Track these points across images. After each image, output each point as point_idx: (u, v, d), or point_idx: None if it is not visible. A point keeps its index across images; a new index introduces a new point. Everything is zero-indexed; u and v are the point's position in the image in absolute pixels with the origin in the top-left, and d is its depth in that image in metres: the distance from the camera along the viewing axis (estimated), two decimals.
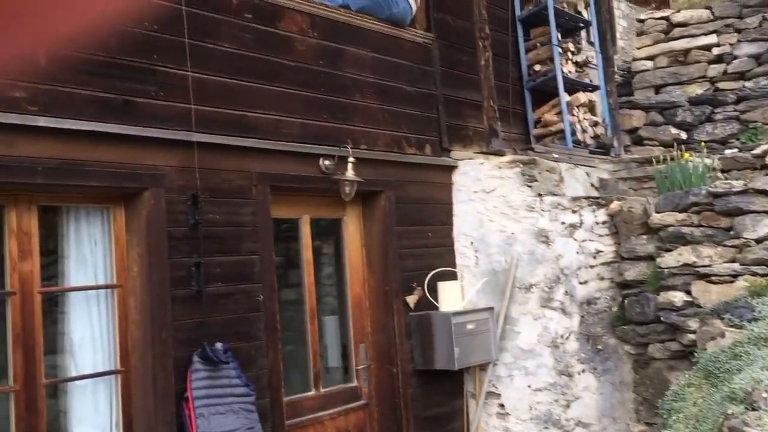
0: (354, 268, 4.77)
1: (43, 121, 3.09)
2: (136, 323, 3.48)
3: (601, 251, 5.30)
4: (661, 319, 4.90)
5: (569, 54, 6.34)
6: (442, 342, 4.68)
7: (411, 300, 4.81)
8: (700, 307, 4.65)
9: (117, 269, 3.49)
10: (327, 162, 4.37)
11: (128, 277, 3.49)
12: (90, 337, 3.44)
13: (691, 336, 4.61)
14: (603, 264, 5.29)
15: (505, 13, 6.06)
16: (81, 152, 3.23)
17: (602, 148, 6.46)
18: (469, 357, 4.74)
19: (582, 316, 5.09)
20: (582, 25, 6.70)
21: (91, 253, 3.45)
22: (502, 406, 4.97)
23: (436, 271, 4.92)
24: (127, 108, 3.43)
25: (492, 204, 5.11)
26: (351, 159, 4.37)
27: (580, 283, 5.11)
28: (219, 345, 3.57)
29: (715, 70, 7.82)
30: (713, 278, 4.69)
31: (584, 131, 6.24)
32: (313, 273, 4.53)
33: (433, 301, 4.85)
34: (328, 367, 4.71)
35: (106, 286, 3.48)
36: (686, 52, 8.01)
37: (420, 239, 5.00)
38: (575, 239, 5.15)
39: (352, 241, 4.79)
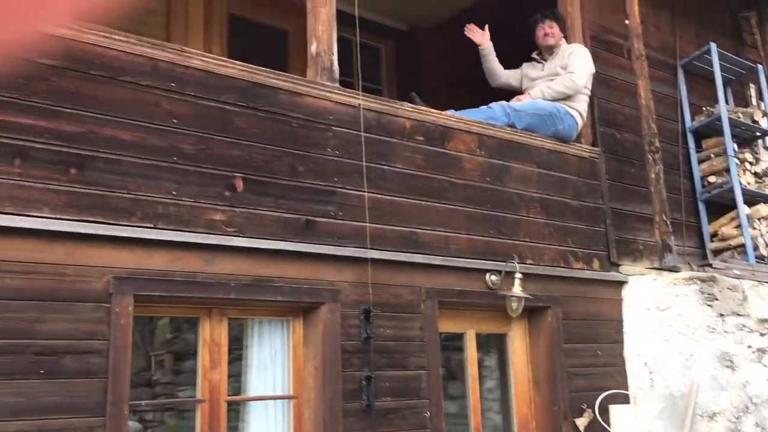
0: (519, 385, 4.65)
1: (237, 241, 3.38)
2: None
3: None
4: None
5: (746, 164, 6.03)
6: None
7: (581, 423, 4.57)
8: None
9: (294, 380, 3.64)
10: (493, 277, 4.38)
11: (304, 388, 3.63)
12: None
13: None
14: None
15: (674, 125, 5.92)
16: (268, 269, 3.48)
17: None
18: None
19: None
20: (759, 134, 6.38)
21: (271, 363, 3.64)
22: None
23: (608, 393, 4.67)
24: (309, 227, 3.68)
25: (667, 323, 4.83)
26: (518, 275, 4.35)
27: None
28: None
29: None
30: None
31: (767, 245, 5.81)
32: (478, 389, 4.46)
33: (604, 425, 4.58)
34: None
35: (283, 397, 3.64)
36: None
37: (589, 358, 4.80)
38: (765, 365, 4.71)
39: (517, 357, 4.69)
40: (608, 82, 5.46)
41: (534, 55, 5.30)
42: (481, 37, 5.28)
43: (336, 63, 4.01)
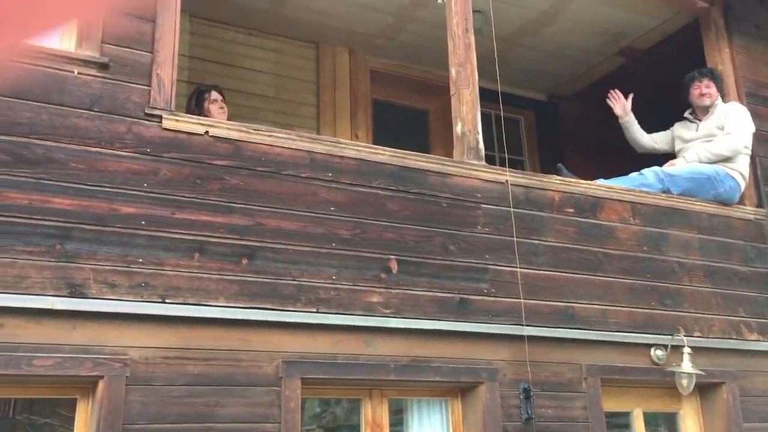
0: None
1: (394, 322, 3.45)
2: None
3: None
4: None
5: None
6: None
7: None
8: None
9: None
10: (659, 352, 4.16)
11: None
12: None
13: None
14: None
15: None
16: (425, 349, 3.51)
17: None
18: None
19: None
20: None
21: None
22: None
23: None
24: (463, 305, 3.69)
25: None
26: (686, 349, 4.10)
27: None
28: None
29: None
30: None
31: None
32: None
33: None
34: None
35: None
36: None
37: None
38: None
39: None
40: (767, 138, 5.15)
41: (687, 114, 5.12)
42: (621, 109, 5.15)
43: (481, 141, 4.08)
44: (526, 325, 3.79)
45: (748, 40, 5.35)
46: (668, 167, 4.71)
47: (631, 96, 5.17)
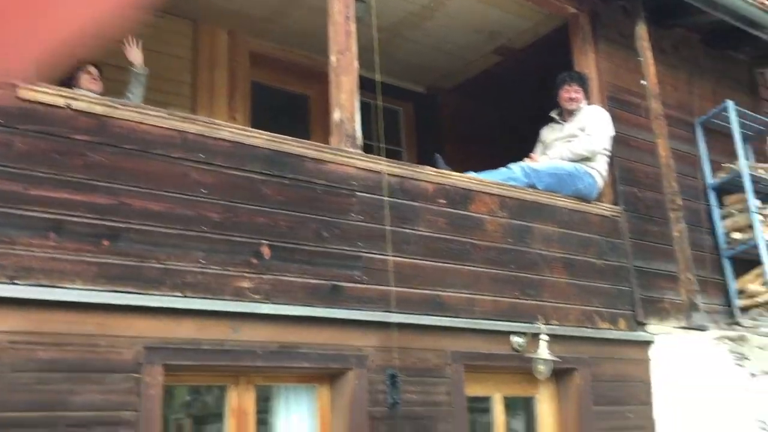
0: None
1: (264, 308, 3.41)
2: None
3: None
4: None
5: None
6: None
7: None
8: None
9: None
10: (519, 339, 4.36)
11: None
12: None
13: None
14: None
15: (695, 182, 5.93)
16: (295, 335, 3.50)
17: None
18: None
19: None
20: None
21: (298, 430, 3.62)
22: None
23: None
24: (335, 292, 3.70)
25: (697, 384, 4.75)
26: (544, 336, 4.32)
27: None
28: None
29: None
30: None
31: None
32: None
33: None
34: None
35: None
36: None
37: (619, 420, 4.71)
38: None
39: (546, 421, 4.62)
40: (627, 142, 5.50)
41: (554, 114, 5.37)
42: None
43: (359, 130, 4.10)
44: (396, 313, 3.86)
45: (613, 46, 5.68)
46: (532, 163, 4.94)
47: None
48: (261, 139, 3.68)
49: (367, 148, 4.24)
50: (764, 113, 6.70)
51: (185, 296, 3.20)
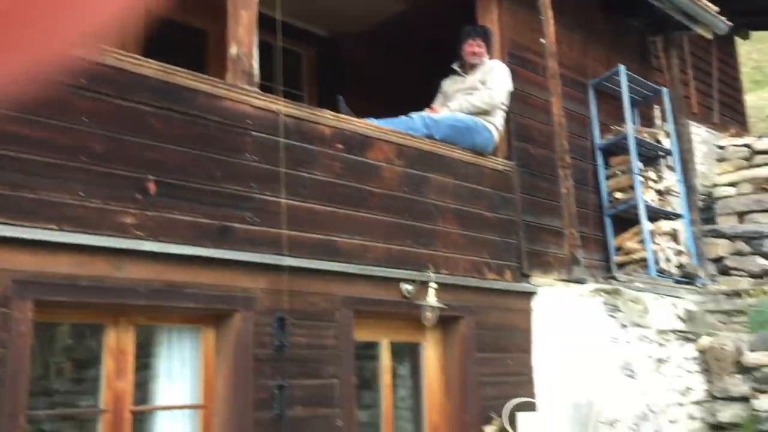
0: (432, 394, 4.70)
1: (148, 246, 3.27)
2: None
3: (692, 389, 5.07)
4: None
5: (650, 182, 6.34)
6: None
7: (490, 431, 4.67)
8: None
9: (204, 389, 3.55)
10: (408, 287, 4.42)
11: (214, 397, 3.55)
12: None
13: None
14: (694, 403, 5.04)
15: (584, 142, 6.16)
16: (180, 275, 3.38)
17: (687, 278, 6.30)
18: None
19: None
20: (662, 153, 6.72)
21: (180, 372, 3.54)
22: None
23: (517, 401, 4.79)
24: (225, 233, 3.60)
25: (573, 333, 5.00)
26: (433, 284, 4.41)
27: (670, 422, 4.86)
28: None
29: None
30: None
31: (668, 260, 6.11)
32: (391, 397, 4.49)
33: None
34: None
35: (192, 407, 3.54)
36: None
37: (500, 367, 4.91)
38: (663, 374, 4.95)
39: (430, 366, 4.75)
40: (524, 99, 5.62)
41: (455, 66, 5.40)
42: None
43: (256, 67, 3.96)
44: (287, 256, 3.82)
45: (516, 3, 5.74)
46: (432, 113, 4.96)
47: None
48: (151, 68, 3.48)
49: (267, 91, 4.11)
50: (653, 80, 7.01)
51: (62, 230, 3.01)
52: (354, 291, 4.14)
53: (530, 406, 4.87)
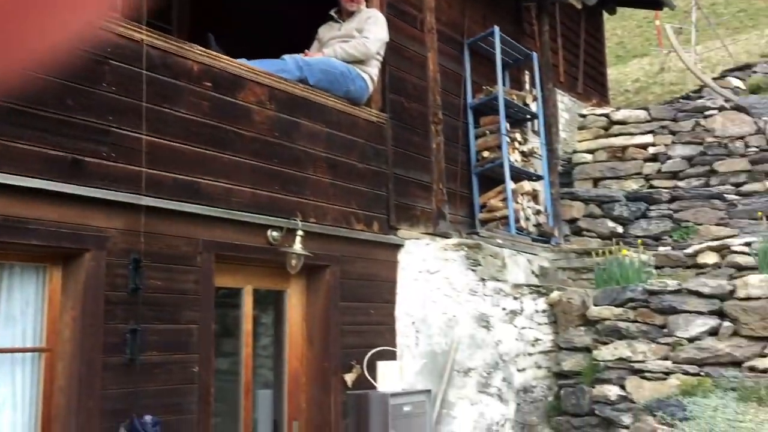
0: (294, 342, 4.69)
1: None
2: (62, 390, 3.31)
3: (540, 340, 5.37)
4: (596, 412, 4.96)
5: (516, 143, 6.57)
6: (378, 423, 4.59)
7: (349, 378, 4.73)
8: (633, 402, 4.73)
9: (48, 332, 3.33)
10: (275, 233, 4.35)
11: (59, 340, 3.34)
12: (11, 402, 3.25)
13: (625, 431, 4.67)
14: (541, 352, 5.35)
15: (457, 100, 6.26)
16: (24, 209, 3.13)
17: (543, 237, 6.63)
18: None
19: (518, 404, 5.10)
20: (529, 117, 6.97)
21: (21, 313, 3.30)
22: None
23: (377, 350, 4.88)
24: (77, 167, 3.36)
25: (435, 285, 5.15)
26: (300, 232, 4.36)
27: (518, 371, 5.14)
28: (148, 417, 3.42)
29: (650, 167, 8.21)
30: (647, 374, 4.79)
31: (527, 219, 6.40)
32: (252, 345, 4.43)
33: (371, 380, 4.78)
34: None
35: (33, 350, 3.32)
36: (624, 148, 8.40)
37: (362, 316, 4.97)
38: (515, 326, 5.21)
39: (294, 314, 4.73)
40: (400, 51, 5.61)
41: (332, 13, 5.29)
42: None
43: None
44: (146, 196, 3.62)
45: None
46: (306, 57, 4.84)
47: None
48: None
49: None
50: (525, 45, 7.21)
51: None
52: (217, 235, 4.01)
53: (390, 355, 4.98)
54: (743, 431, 3.66)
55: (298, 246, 4.33)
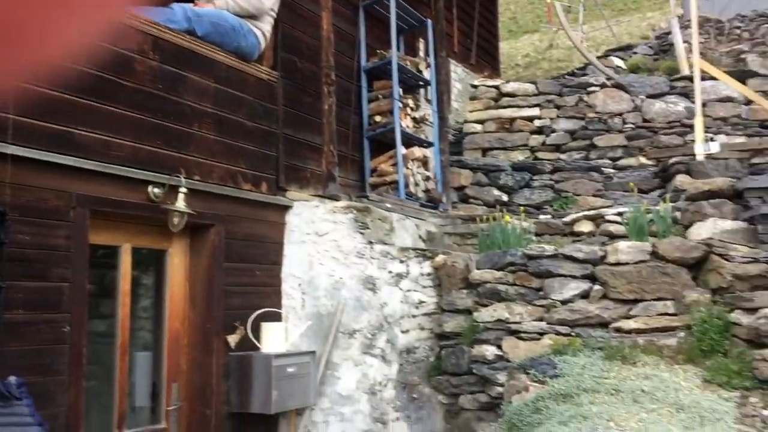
0: (175, 302, 4.56)
1: None
2: None
3: (424, 302, 5.49)
4: (474, 371, 5.14)
5: (408, 109, 6.61)
6: (261, 384, 4.57)
7: (232, 339, 4.66)
8: (509, 361, 4.94)
9: None
10: (156, 190, 4.18)
11: None
12: None
13: (500, 389, 4.88)
14: (425, 314, 5.47)
15: (351, 63, 6.21)
16: None
17: (432, 202, 6.75)
18: (287, 401, 4.66)
19: (401, 365, 5.21)
20: (422, 83, 7.03)
21: None
22: None
23: (261, 311, 4.83)
24: None
25: (323, 247, 5.13)
26: (183, 189, 4.21)
27: (402, 332, 5.23)
28: (13, 379, 3.23)
29: (536, 140, 8.51)
30: (522, 335, 5.01)
31: (417, 184, 6.48)
32: (129, 305, 4.27)
33: (255, 342, 4.74)
34: (135, 406, 4.42)
35: None
36: (512, 120, 8.66)
37: (248, 277, 4.89)
38: (401, 288, 5.30)
39: (176, 274, 4.58)
40: (295, 9, 5.48)
41: None
42: None
43: None
44: (13, 144, 3.38)
45: None
46: (196, 7, 4.64)
47: None
48: None
49: None
50: (420, 12, 7.23)
51: None
52: (93, 190, 3.81)
53: (276, 317, 4.94)
54: (607, 386, 3.91)
55: (180, 204, 4.18)
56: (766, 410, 3.80)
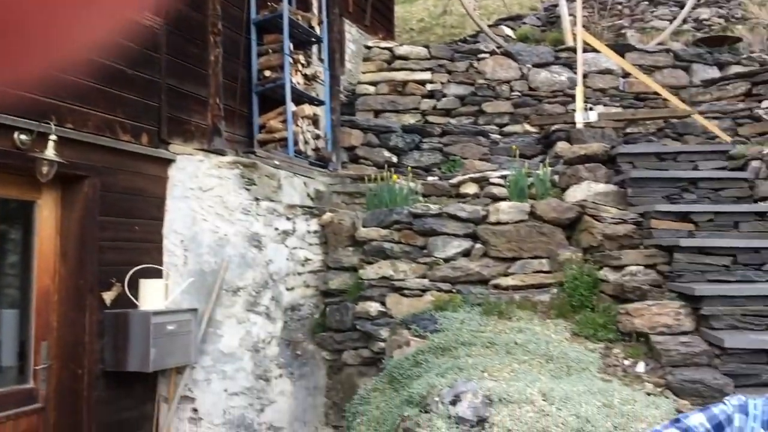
0: (44, 257, 4.32)
1: None
2: None
3: (310, 260, 5.47)
4: (357, 327, 5.20)
5: (299, 65, 6.49)
6: (138, 342, 4.43)
7: (108, 296, 4.48)
8: (392, 317, 5.02)
9: None
10: (23, 137, 3.91)
11: None
12: None
13: (382, 344, 4.96)
14: (310, 272, 5.46)
15: (240, 14, 6.01)
16: None
17: (321, 161, 6.71)
18: (166, 359, 4.55)
19: (285, 322, 5.19)
20: (314, 40, 6.92)
21: None
22: (195, 410, 4.84)
23: (140, 267, 4.66)
24: None
25: (207, 203, 5.00)
26: (53, 137, 3.96)
27: (287, 290, 5.21)
28: None
29: (427, 104, 8.61)
30: (406, 291, 5.10)
31: (306, 142, 6.41)
32: None
33: (133, 299, 4.57)
34: (1, 366, 4.18)
35: None
36: (404, 83, 8.70)
37: (125, 233, 4.70)
38: (287, 246, 5.25)
39: (45, 227, 4.33)
40: None
41: None
42: None
43: None
44: None
45: None
46: None
47: None
48: None
49: None
50: None
51: None
52: None
53: (156, 273, 4.79)
54: (483, 340, 4.06)
55: (50, 152, 3.94)
56: (627, 360, 4.06)
